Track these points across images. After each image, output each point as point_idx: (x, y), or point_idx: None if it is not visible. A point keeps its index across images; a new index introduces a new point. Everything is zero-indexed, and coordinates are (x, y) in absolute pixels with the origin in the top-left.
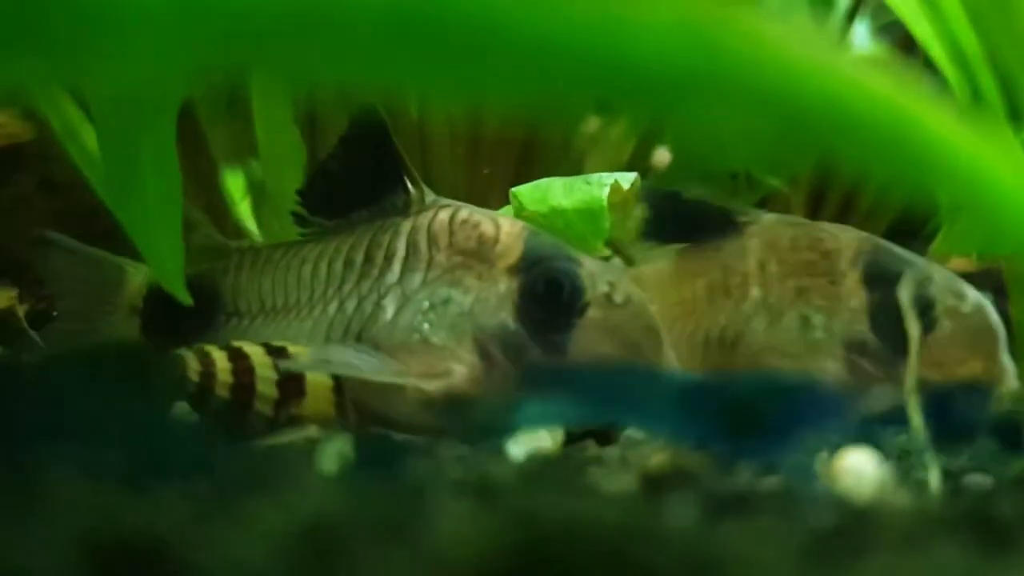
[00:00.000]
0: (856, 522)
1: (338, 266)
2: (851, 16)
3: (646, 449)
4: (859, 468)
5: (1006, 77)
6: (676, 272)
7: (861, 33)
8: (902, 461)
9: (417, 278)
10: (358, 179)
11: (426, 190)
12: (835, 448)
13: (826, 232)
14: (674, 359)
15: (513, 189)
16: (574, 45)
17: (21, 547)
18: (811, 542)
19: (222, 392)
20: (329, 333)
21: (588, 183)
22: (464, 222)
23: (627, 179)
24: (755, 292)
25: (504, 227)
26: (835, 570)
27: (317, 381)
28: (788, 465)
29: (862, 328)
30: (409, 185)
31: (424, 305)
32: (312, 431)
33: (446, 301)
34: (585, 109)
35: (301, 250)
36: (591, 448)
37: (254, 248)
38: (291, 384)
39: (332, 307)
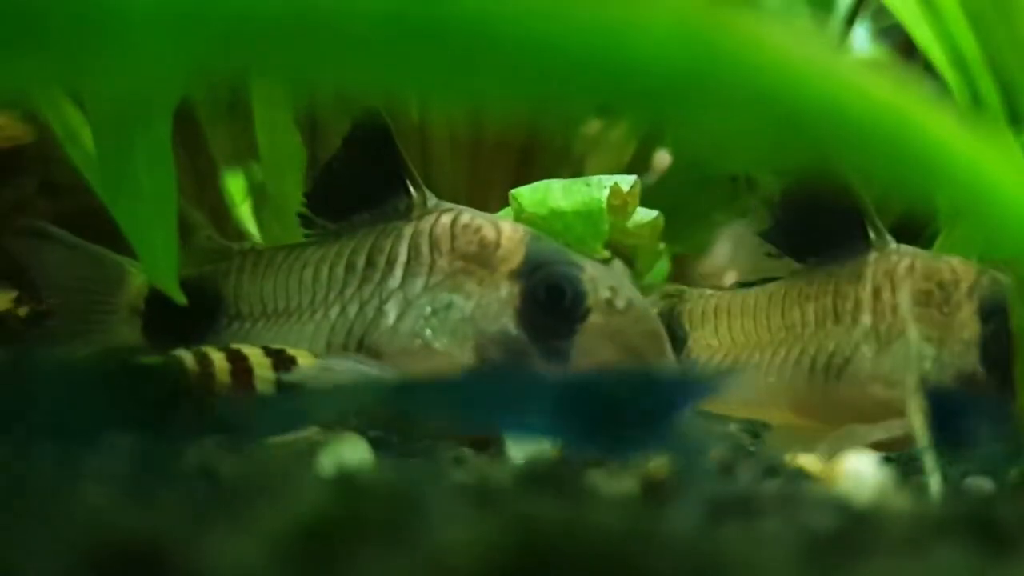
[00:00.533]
0: (856, 525)
1: (340, 270)
2: (851, 19)
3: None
4: (859, 471)
5: (1006, 81)
6: (786, 295)
7: (861, 36)
8: (902, 464)
9: (419, 283)
10: (361, 181)
11: (428, 194)
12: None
13: (944, 262)
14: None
15: (513, 191)
16: (573, 49)
17: (20, 549)
18: (811, 545)
19: (221, 393)
20: (331, 338)
21: (588, 185)
22: (466, 227)
23: (627, 181)
24: (866, 319)
25: (506, 232)
26: (835, 572)
27: None
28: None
29: (973, 360)
30: (411, 188)
31: (426, 310)
32: (312, 432)
33: (448, 306)
34: (585, 112)
35: (303, 253)
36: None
37: (256, 250)
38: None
39: (334, 311)
